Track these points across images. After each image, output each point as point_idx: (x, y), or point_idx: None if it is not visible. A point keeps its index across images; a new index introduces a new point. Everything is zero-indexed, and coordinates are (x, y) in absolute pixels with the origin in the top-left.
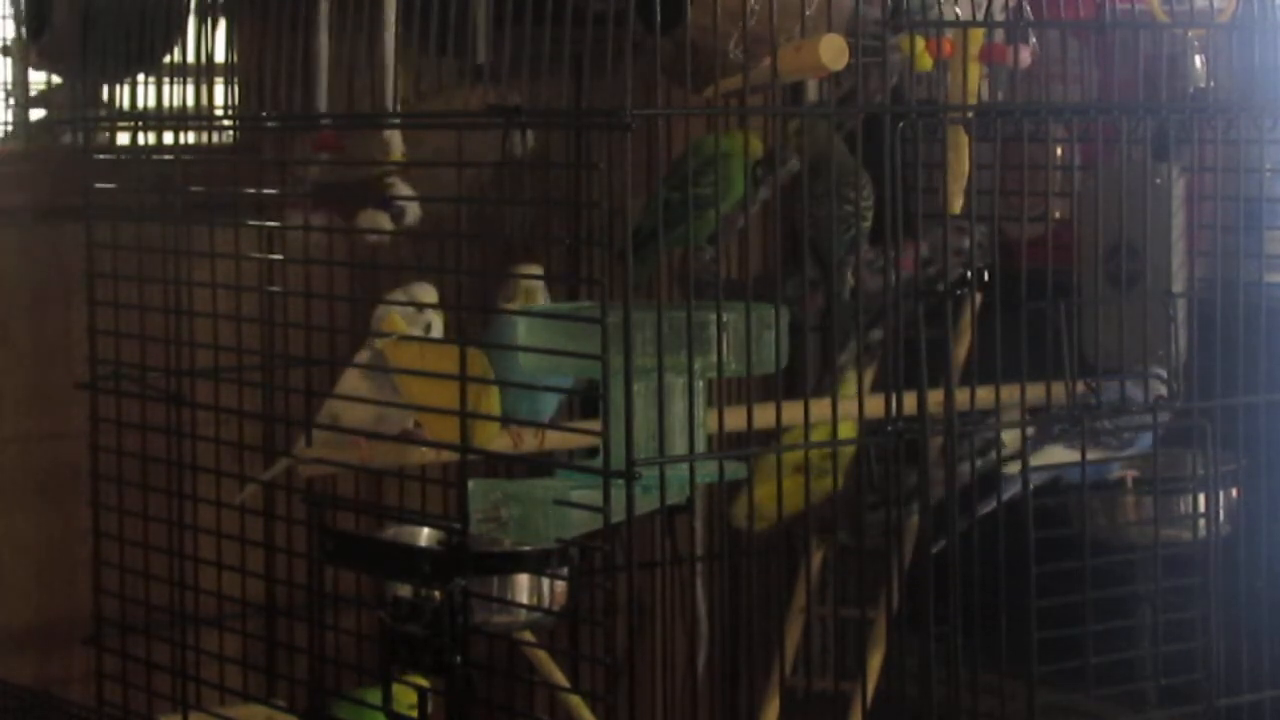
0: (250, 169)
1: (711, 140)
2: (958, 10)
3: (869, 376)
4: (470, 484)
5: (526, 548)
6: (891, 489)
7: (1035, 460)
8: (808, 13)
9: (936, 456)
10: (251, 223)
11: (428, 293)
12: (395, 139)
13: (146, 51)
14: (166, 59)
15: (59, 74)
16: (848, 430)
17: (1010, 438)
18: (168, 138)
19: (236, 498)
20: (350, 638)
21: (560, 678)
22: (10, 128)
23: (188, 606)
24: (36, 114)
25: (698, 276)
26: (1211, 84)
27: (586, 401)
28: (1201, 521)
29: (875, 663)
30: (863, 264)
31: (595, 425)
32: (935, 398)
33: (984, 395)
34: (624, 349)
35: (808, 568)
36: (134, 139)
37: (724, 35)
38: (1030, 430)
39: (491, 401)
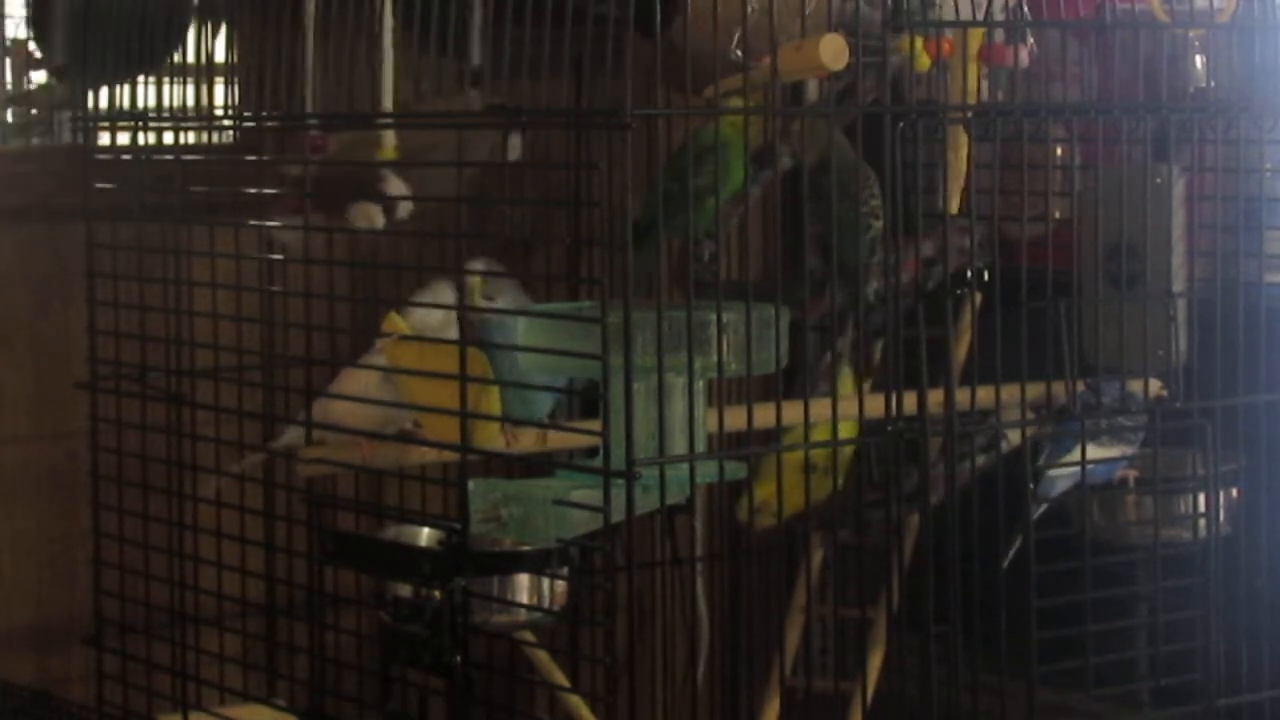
0: (251, 169)
1: (710, 129)
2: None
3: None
4: (470, 484)
5: (526, 548)
6: (892, 488)
7: (1067, 459)
8: (807, 12)
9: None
10: (252, 223)
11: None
12: (388, 135)
13: (147, 53)
14: (166, 59)
15: (59, 74)
16: (848, 430)
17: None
18: (168, 138)
19: (212, 488)
20: (350, 638)
21: (560, 678)
22: (10, 127)
23: (188, 606)
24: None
25: (698, 276)
26: (1211, 84)
27: (587, 401)
28: (1201, 521)
29: (875, 663)
30: (876, 264)
31: (595, 425)
32: (935, 397)
33: (984, 395)
34: (624, 349)
35: (808, 568)
36: (134, 139)
37: (724, 35)
38: (1048, 428)
39: (491, 401)
